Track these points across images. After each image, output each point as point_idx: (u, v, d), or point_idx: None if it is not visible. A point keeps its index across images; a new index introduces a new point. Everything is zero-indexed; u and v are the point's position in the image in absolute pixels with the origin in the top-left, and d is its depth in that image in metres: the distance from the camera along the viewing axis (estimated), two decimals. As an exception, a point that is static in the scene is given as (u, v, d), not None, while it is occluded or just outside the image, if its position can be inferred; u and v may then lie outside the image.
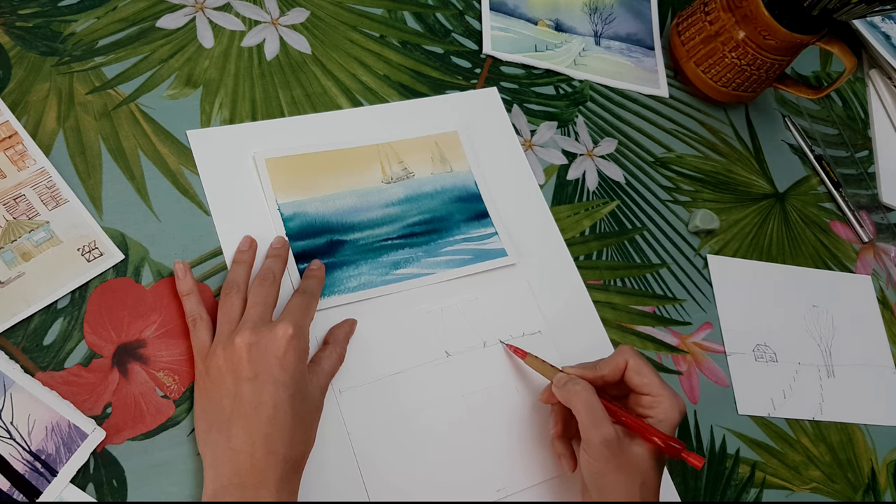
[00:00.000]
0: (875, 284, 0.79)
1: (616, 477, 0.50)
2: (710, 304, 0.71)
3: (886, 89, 0.94)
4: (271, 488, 0.46)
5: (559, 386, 0.54)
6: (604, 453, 0.50)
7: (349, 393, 0.56)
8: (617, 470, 0.50)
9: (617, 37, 0.83)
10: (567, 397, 0.53)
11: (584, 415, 0.51)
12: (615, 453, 0.50)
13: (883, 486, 0.68)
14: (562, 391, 0.53)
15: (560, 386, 0.54)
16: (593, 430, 0.50)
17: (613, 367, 0.55)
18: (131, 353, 0.52)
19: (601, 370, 0.55)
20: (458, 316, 0.61)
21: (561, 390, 0.53)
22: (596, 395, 0.52)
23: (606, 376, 0.55)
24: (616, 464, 0.50)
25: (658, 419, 0.52)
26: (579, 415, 0.51)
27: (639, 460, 0.51)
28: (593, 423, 0.50)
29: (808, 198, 0.82)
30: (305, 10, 0.71)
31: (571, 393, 0.52)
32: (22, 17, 0.61)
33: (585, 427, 0.51)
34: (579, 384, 0.52)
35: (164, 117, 0.61)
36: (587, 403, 0.51)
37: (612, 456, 0.50)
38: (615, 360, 0.55)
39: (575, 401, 0.52)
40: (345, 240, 0.61)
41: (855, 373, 0.73)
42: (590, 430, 0.50)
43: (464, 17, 0.77)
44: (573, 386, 0.52)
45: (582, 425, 0.51)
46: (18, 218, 0.54)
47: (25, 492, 0.46)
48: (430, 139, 0.67)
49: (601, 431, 0.50)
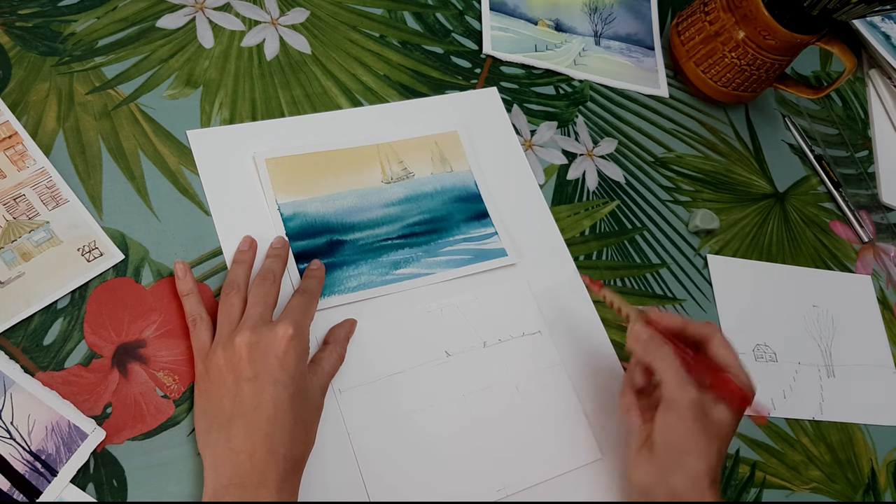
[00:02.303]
0: (875, 284, 0.79)
1: (698, 439, 0.50)
2: (710, 304, 0.71)
3: (886, 89, 0.94)
4: (271, 488, 0.46)
5: (639, 340, 0.53)
6: (689, 415, 0.50)
7: (349, 393, 0.56)
8: (699, 432, 0.50)
9: (617, 37, 0.83)
10: (647, 356, 0.52)
11: (669, 375, 0.50)
12: (699, 416, 0.50)
13: (883, 486, 0.68)
14: (643, 348, 0.52)
15: (640, 341, 0.52)
16: (680, 392, 0.50)
17: (698, 331, 0.54)
18: (131, 353, 0.52)
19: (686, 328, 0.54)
20: (458, 316, 0.61)
21: (641, 346, 0.52)
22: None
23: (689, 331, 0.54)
24: (700, 426, 0.50)
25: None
26: (664, 374, 0.51)
27: (721, 426, 0.51)
28: (680, 384, 0.50)
29: (808, 198, 0.82)
30: (305, 10, 0.71)
31: (654, 353, 0.52)
32: (22, 17, 0.61)
33: (671, 387, 0.50)
34: (663, 347, 0.52)
35: (164, 117, 0.61)
36: (672, 364, 0.51)
37: (696, 418, 0.50)
38: (703, 328, 0.54)
39: (659, 362, 0.51)
40: (345, 240, 0.61)
41: (855, 373, 0.73)
42: (676, 391, 0.50)
43: (464, 17, 0.77)
44: (657, 348, 0.52)
45: (667, 385, 0.51)
46: (18, 218, 0.54)
47: (25, 492, 0.46)
48: (430, 139, 0.67)
49: (688, 393, 0.50)
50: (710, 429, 0.50)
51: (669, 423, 0.51)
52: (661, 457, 0.51)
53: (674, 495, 0.50)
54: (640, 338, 0.53)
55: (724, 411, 0.51)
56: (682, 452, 0.50)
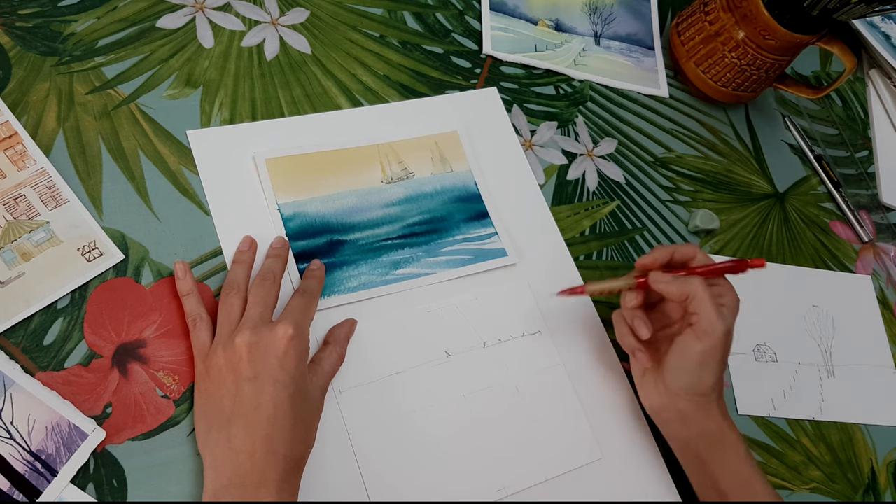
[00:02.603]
0: (875, 284, 0.79)
1: (719, 365, 0.55)
2: (710, 304, 0.71)
3: (886, 89, 0.94)
4: (271, 488, 0.46)
5: (668, 282, 0.55)
6: (722, 343, 0.54)
7: (349, 393, 0.56)
8: (721, 359, 0.55)
9: (617, 37, 0.83)
10: (687, 290, 0.54)
11: (709, 306, 0.54)
12: (726, 345, 0.55)
13: (883, 486, 0.68)
14: (678, 286, 0.55)
15: (669, 282, 0.55)
16: (719, 322, 0.53)
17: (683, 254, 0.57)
18: (131, 353, 0.52)
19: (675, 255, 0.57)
20: (458, 316, 0.61)
21: (675, 286, 0.55)
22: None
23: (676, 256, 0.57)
24: (723, 352, 0.55)
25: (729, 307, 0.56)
26: (704, 306, 0.54)
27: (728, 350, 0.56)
28: (720, 313, 0.54)
29: (808, 198, 0.82)
30: (305, 10, 0.71)
31: (694, 286, 0.54)
32: (22, 17, 0.61)
33: (710, 318, 0.53)
34: (696, 279, 0.54)
35: (164, 117, 0.61)
36: (707, 297, 0.54)
37: (726, 345, 0.54)
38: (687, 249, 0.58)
39: (700, 293, 0.54)
40: (345, 240, 0.61)
41: (855, 373, 0.73)
42: (715, 322, 0.53)
43: (464, 17, 0.77)
44: (686, 283, 0.54)
45: (706, 316, 0.53)
46: (18, 218, 0.54)
47: (25, 492, 0.46)
48: (430, 139, 0.67)
49: (726, 322, 0.54)
50: (728, 351, 0.55)
51: (695, 351, 0.54)
52: (675, 382, 0.55)
53: (684, 414, 0.56)
54: (666, 279, 0.55)
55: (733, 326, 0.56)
56: (700, 375, 0.55)
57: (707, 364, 0.55)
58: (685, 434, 0.57)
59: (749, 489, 0.55)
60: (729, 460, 0.56)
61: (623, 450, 0.60)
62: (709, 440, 0.56)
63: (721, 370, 0.56)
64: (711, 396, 0.56)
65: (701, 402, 0.56)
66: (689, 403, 0.56)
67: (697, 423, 0.56)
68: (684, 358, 0.55)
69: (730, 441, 0.56)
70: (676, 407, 0.56)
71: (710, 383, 0.55)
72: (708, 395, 0.56)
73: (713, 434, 0.56)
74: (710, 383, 0.55)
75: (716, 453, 0.56)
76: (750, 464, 0.56)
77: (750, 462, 0.56)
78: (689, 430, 0.56)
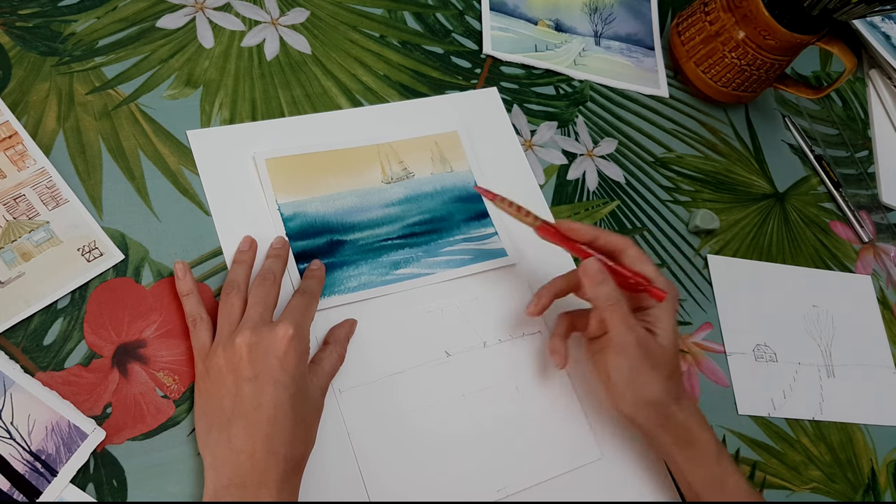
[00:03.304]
0: (875, 284, 0.79)
1: (650, 375, 0.54)
2: (710, 304, 0.71)
3: (886, 89, 0.94)
4: (272, 488, 0.46)
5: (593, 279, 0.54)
6: (637, 354, 0.54)
7: (349, 393, 0.56)
8: (652, 368, 0.54)
9: (617, 37, 0.83)
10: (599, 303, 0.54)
11: (617, 319, 0.54)
12: (646, 353, 0.54)
13: (883, 486, 0.68)
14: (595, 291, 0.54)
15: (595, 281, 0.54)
16: (629, 335, 0.54)
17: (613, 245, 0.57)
18: (131, 353, 0.52)
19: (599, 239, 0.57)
20: (458, 316, 0.61)
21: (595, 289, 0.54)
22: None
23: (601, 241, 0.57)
24: (650, 363, 0.54)
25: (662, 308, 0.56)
26: (612, 320, 0.54)
27: (666, 351, 0.55)
28: (628, 328, 0.54)
29: (808, 198, 0.82)
30: (305, 10, 0.71)
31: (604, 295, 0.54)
32: (22, 17, 0.61)
33: (621, 332, 0.54)
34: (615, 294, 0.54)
35: (164, 117, 0.61)
36: (621, 309, 0.54)
37: (644, 355, 0.54)
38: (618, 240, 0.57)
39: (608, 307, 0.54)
40: (345, 240, 0.61)
41: (855, 373, 0.73)
42: (625, 335, 0.54)
43: (464, 17, 0.77)
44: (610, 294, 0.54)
45: (616, 330, 0.54)
46: (18, 218, 0.54)
47: (25, 492, 0.46)
48: (430, 139, 0.67)
49: (635, 334, 0.54)
50: (657, 358, 0.54)
51: (622, 364, 0.54)
52: (624, 396, 0.55)
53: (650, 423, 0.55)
54: (593, 278, 0.55)
55: (664, 334, 0.55)
56: (637, 388, 0.54)
57: (638, 376, 0.54)
58: (657, 439, 0.56)
59: (722, 488, 0.55)
60: (699, 462, 0.55)
61: (623, 450, 0.60)
62: (677, 444, 0.55)
63: (660, 377, 0.54)
64: (666, 403, 0.54)
65: (656, 411, 0.55)
66: (645, 416, 0.55)
67: (661, 431, 0.55)
68: (617, 372, 0.54)
69: (699, 442, 0.55)
70: (643, 415, 0.55)
71: (655, 392, 0.54)
72: (661, 403, 0.55)
73: (680, 437, 0.55)
74: (654, 393, 0.54)
75: (686, 456, 0.55)
76: (721, 462, 0.55)
77: (721, 460, 0.55)
78: (659, 436, 0.55)
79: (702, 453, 0.55)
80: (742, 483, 0.55)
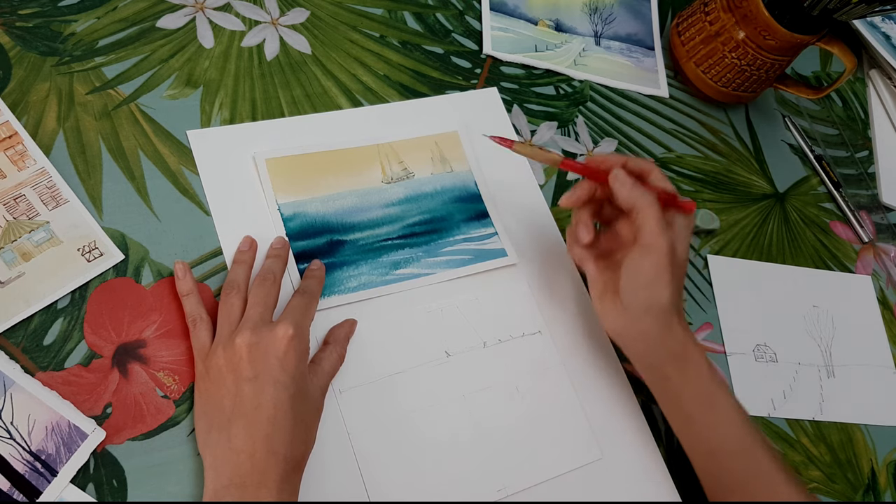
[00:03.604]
0: (875, 284, 0.79)
1: (670, 281, 0.54)
2: (710, 304, 0.71)
3: (886, 89, 0.94)
4: (272, 488, 0.46)
5: (625, 185, 0.54)
6: (667, 258, 0.53)
7: (349, 393, 0.56)
8: (670, 272, 0.54)
9: (617, 37, 0.83)
10: (636, 201, 0.54)
11: (652, 221, 0.53)
12: (672, 258, 0.54)
13: (883, 486, 0.68)
14: (631, 192, 0.54)
15: (626, 185, 0.54)
16: (661, 237, 0.53)
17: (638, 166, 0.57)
18: (131, 353, 0.52)
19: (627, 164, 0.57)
20: (458, 316, 0.61)
21: (629, 191, 0.54)
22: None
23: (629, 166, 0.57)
24: (671, 266, 0.54)
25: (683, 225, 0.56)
26: (648, 220, 0.53)
27: (683, 262, 0.56)
28: (662, 230, 0.53)
29: (808, 198, 0.82)
30: (305, 10, 0.71)
31: (643, 198, 0.54)
32: (22, 17, 0.61)
33: (654, 232, 0.53)
34: (648, 193, 0.54)
35: (164, 117, 0.61)
36: (655, 211, 0.53)
37: (672, 260, 0.54)
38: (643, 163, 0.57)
39: (647, 207, 0.53)
40: (345, 240, 0.61)
41: (855, 373, 0.73)
42: (658, 237, 0.53)
43: (464, 17, 0.77)
44: (641, 193, 0.54)
45: (650, 231, 0.53)
46: (18, 218, 0.54)
47: (25, 492, 0.46)
48: (430, 139, 0.67)
49: (669, 237, 0.54)
50: (678, 267, 0.55)
51: (646, 265, 0.54)
52: (632, 301, 0.55)
53: (647, 335, 0.55)
54: (626, 182, 0.55)
55: (682, 247, 0.56)
56: (653, 292, 0.54)
57: (659, 278, 0.54)
58: (648, 354, 0.56)
59: (712, 405, 0.55)
60: (691, 377, 0.55)
61: (623, 450, 0.60)
62: (672, 358, 0.55)
63: (675, 286, 0.55)
64: (671, 312, 0.55)
65: (661, 320, 0.55)
66: (649, 322, 0.55)
67: (659, 342, 0.55)
68: (635, 274, 0.54)
69: (693, 359, 0.56)
70: (638, 327, 0.55)
71: (666, 298, 0.54)
72: (667, 312, 0.55)
73: (676, 352, 0.55)
74: (665, 298, 0.54)
75: (679, 371, 0.55)
76: (713, 380, 0.56)
77: (713, 378, 0.56)
78: (652, 350, 0.56)
79: (695, 368, 0.55)
80: (732, 401, 0.56)
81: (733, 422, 0.55)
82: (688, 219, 0.57)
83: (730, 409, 0.55)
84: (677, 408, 0.57)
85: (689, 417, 0.56)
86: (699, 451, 0.57)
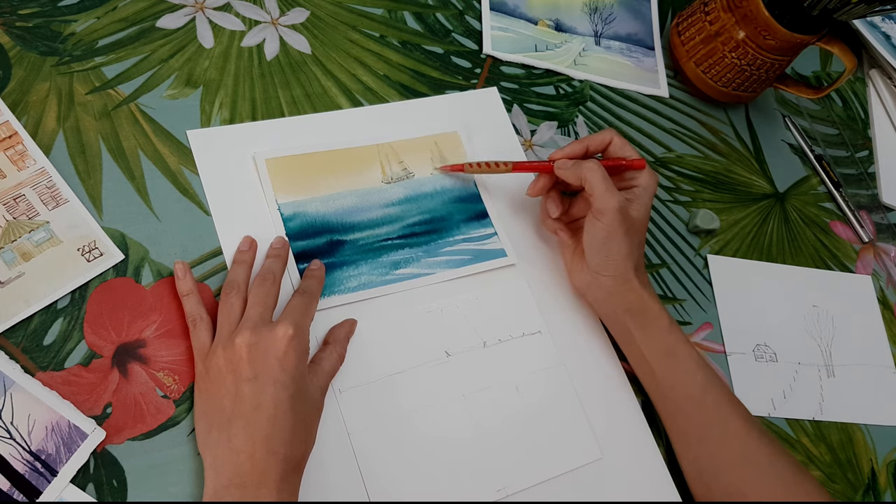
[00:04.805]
0: (875, 284, 0.79)
1: (623, 240, 0.58)
2: (710, 304, 0.71)
3: (886, 89, 0.94)
4: (272, 488, 0.46)
5: (567, 168, 0.59)
6: (616, 218, 0.57)
7: (349, 393, 0.56)
8: (625, 234, 0.58)
9: (617, 37, 0.83)
10: (581, 174, 0.58)
11: (600, 186, 0.57)
12: (625, 217, 0.58)
13: (883, 486, 0.68)
14: (574, 170, 0.59)
15: (568, 168, 0.59)
16: (610, 199, 0.57)
17: (599, 142, 0.62)
18: (131, 353, 0.52)
19: (589, 143, 0.62)
20: (458, 316, 0.61)
21: (572, 170, 0.59)
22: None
23: (591, 147, 0.62)
24: (625, 227, 0.58)
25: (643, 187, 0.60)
26: (595, 187, 0.57)
27: (638, 221, 0.59)
28: (610, 192, 0.57)
29: (808, 198, 0.82)
30: (305, 10, 0.71)
31: (586, 169, 0.58)
32: (22, 17, 0.61)
33: (602, 197, 0.57)
34: (590, 161, 0.58)
35: (164, 117, 0.61)
36: (603, 176, 0.58)
37: (622, 220, 0.58)
38: (601, 135, 0.62)
39: (591, 175, 0.58)
40: (345, 240, 0.61)
41: (855, 373, 0.73)
42: (607, 199, 0.57)
43: (464, 17, 0.77)
44: (586, 163, 0.58)
45: (598, 196, 0.57)
46: (18, 218, 0.54)
47: (25, 492, 0.46)
48: (430, 139, 0.67)
49: (616, 199, 0.57)
50: (631, 228, 0.59)
51: (599, 231, 0.58)
52: (592, 260, 0.60)
53: (606, 290, 0.60)
54: (567, 165, 0.60)
55: (637, 208, 0.59)
56: (611, 255, 0.59)
57: (611, 237, 0.58)
58: (611, 307, 0.61)
59: (671, 356, 0.59)
60: (651, 329, 0.59)
61: (623, 450, 0.60)
62: (632, 311, 0.59)
63: (630, 243, 0.58)
64: (628, 268, 0.59)
65: (619, 276, 0.59)
66: (608, 279, 0.60)
67: (619, 296, 0.60)
68: (591, 237, 0.59)
69: (652, 312, 0.59)
70: (599, 283, 0.60)
71: (622, 256, 0.59)
72: (624, 268, 0.59)
73: (635, 305, 0.59)
74: (621, 256, 0.59)
75: (639, 323, 0.59)
76: (671, 332, 0.59)
77: (672, 330, 0.59)
78: (614, 303, 0.60)
79: (653, 321, 0.59)
80: (692, 351, 0.59)
81: (693, 372, 0.59)
82: (649, 179, 0.61)
83: (690, 360, 0.59)
84: (640, 358, 0.60)
85: (652, 371, 0.59)
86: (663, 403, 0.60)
